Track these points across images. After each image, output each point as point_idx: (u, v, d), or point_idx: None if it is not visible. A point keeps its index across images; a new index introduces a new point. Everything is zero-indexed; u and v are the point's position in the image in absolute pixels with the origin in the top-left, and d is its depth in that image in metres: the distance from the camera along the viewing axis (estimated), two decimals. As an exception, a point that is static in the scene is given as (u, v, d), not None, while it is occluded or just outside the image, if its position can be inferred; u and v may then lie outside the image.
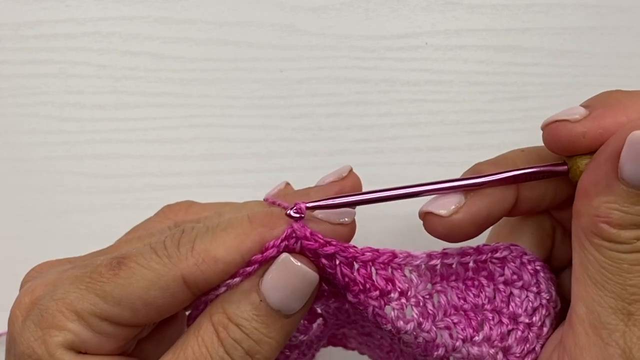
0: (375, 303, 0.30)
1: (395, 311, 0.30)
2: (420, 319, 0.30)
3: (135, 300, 0.29)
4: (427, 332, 0.30)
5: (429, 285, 0.31)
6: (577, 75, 0.48)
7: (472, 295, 0.32)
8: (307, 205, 0.30)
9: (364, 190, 0.34)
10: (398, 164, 0.48)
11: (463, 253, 0.32)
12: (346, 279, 0.30)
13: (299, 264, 0.29)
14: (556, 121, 0.30)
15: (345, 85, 0.48)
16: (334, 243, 0.29)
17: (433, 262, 0.31)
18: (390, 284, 0.30)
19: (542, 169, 0.31)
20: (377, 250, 0.30)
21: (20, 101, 0.48)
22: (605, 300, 0.28)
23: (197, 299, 0.30)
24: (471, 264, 0.32)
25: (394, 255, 0.30)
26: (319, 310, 0.34)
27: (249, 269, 0.29)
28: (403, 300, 0.30)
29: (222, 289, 0.30)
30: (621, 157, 0.27)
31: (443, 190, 0.31)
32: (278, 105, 0.48)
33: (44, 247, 0.48)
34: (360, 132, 0.48)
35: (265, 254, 0.29)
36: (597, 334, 0.28)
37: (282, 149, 0.48)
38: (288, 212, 0.29)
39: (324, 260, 0.30)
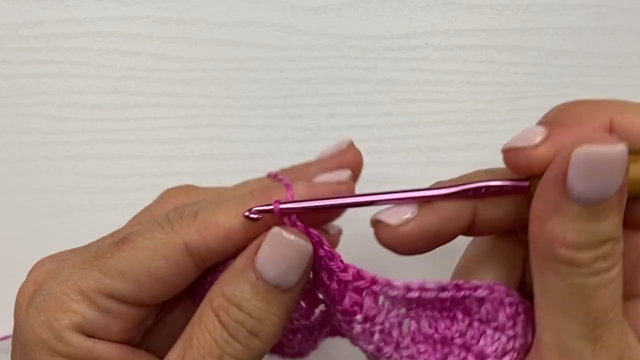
0: (341, 317, 0.30)
1: (358, 332, 0.30)
2: (381, 344, 0.30)
3: (140, 271, 0.28)
4: (388, 357, 0.30)
5: (403, 310, 0.31)
6: (577, 75, 0.48)
7: (443, 327, 0.31)
8: (281, 207, 0.29)
9: (357, 187, 0.34)
10: (398, 164, 0.48)
11: (442, 288, 0.30)
12: (321, 285, 0.30)
13: (292, 236, 0.29)
14: (514, 148, 0.28)
15: (345, 85, 0.48)
16: (326, 248, 0.30)
17: (410, 294, 0.30)
18: (357, 307, 0.29)
19: (501, 183, 0.29)
20: (359, 273, 0.29)
21: (20, 101, 0.48)
22: (570, 326, 0.27)
23: (201, 275, 0.30)
24: (449, 298, 0.31)
25: (373, 281, 0.30)
26: (320, 296, 0.34)
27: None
28: (367, 325, 0.30)
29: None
30: (568, 175, 0.25)
31: (397, 200, 0.30)
32: (278, 105, 0.48)
33: (44, 247, 0.47)
34: (360, 132, 0.48)
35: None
36: None
37: (282, 149, 0.48)
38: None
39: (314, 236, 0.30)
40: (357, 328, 0.30)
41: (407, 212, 0.29)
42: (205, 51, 0.48)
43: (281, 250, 0.29)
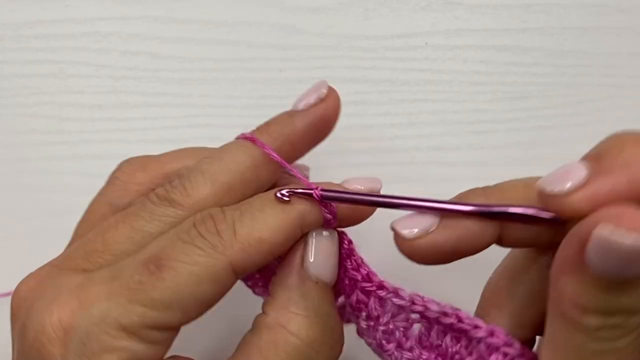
0: (349, 309, 0.31)
1: (363, 327, 0.31)
2: (383, 341, 0.30)
3: (186, 299, 0.27)
4: (389, 355, 0.30)
5: (416, 315, 0.31)
6: (577, 75, 0.48)
7: (448, 342, 0.31)
8: (322, 193, 0.29)
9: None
10: (398, 164, 0.47)
11: (444, 313, 0.30)
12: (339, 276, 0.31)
13: (328, 233, 0.30)
14: (546, 194, 0.25)
15: (345, 85, 0.48)
16: (345, 246, 0.30)
17: (414, 307, 0.30)
18: (362, 305, 0.30)
19: (532, 212, 0.27)
20: (369, 275, 0.30)
21: (20, 101, 0.48)
22: None
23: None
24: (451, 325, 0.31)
25: (380, 286, 0.30)
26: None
27: None
28: (371, 323, 0.30)
29: None
30: (587, 249, 0.23)
31: (420, 208, 0.29)
32: (277, 105, 0.48)
33: (44, 247, 0.47)
34: (360, 132, 0.48)
35: (332, 222, 0.30)
36: None
37: (282, 149, 0.48)
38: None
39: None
40: (362, 324, 0.31)
41: (424, 225, 0.28)
42: (205, 51, 0.48)
43: (328, 250, 0.29)
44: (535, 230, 0.28)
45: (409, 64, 0.48)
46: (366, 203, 0.30)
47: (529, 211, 0.27)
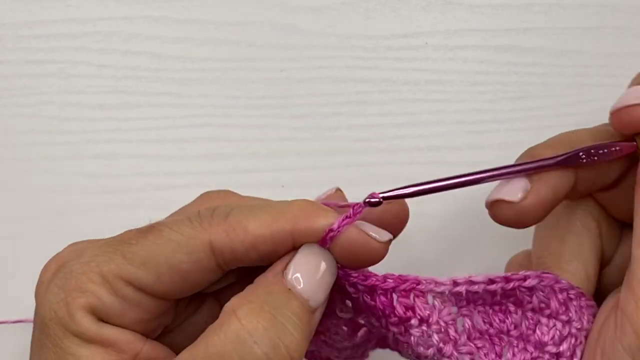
0: (396, 329, 0.30)
1: (415, 337, 0.30)
2: (441, 344, 0.30)
3: (161, 262, 0.28)
4: (449, 357, 0.30)
5: (454, 309, 0.31)
6: (577, 75, 0.48)
7: (497, 321, 0.31)
8: (382, 195, 0.29)
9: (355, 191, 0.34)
10: (398, 164, 0.48)
11: (490, 281, 0.31)
12: (367, 305, 0.30)
13: (327, 252, 0.29)
14: (629, 106, 0.30)
15: (346, 85, 0.48)
16: (354, 274, 0.30)
17: (458, 289, 0.30)
18: (410, 311, 0.30)
19: (611, 145, 0.30)
20: (400, 277, 0.30)
21: (20, 101, 0.48)
22: None
23: (222, 274, 0.30)
24: (499, 291, 0.31)
25: (417, 282, 0.30)
26: (361, 322, 0.34)
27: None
28: (424, 327, 0.30)
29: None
30: None
31: (510, 174, 0.31)
32: (278, 105, 0.48)
33: (44, 247, 0.47)
34: (361, 132, 0.48)
35: (332, 234, 0.29)
36: None
37: (282, 149, 0.48)
38: (366, 199, 0.29)
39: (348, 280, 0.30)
40: (415, 333, 0.30)
41: (520, 188, 0.30)
42: (206, 51, 0.48)
43: (315, 266, 0.29)
44: (604, 169, 0.31)
45: (410, 64, 0.48)
46: (432, 190, 0.30)
47: (610, 143, 0.30)
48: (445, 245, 0.47)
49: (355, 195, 0.33)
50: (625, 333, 0.28)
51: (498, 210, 0.31)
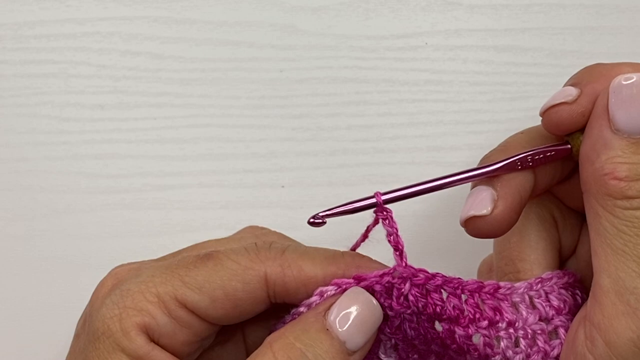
0: (486, 332, 0.30)
1: (505, 341, 0.30)
2: (529, 350, 0.30)
3: (216, 288, 0.29)
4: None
5: (545, 323, 0.31)
6: (577, 75, 0.48)
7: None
8: (384, 197, 0.30)
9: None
10: (398, 164, 0.48)
11: (558, 275, 0.31)
12: (456, 311, 0.30)
13: (373, 298, 0.29)
14: (555, 106, 0.30)
15: (345, 85, 0.48)
16: (440, 275, 0.30)
17: (532, 292, 0.31)
18: (498, 313, 0.30)
19: (546, 150, 0.31)
20: (480, 281, 0.30)
21: (20, 101, 0.48)
22: (628, 264, 0.27)
23: (270, 306, 0.31)
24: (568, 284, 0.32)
25: (497, 286, 0.30)
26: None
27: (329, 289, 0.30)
28: (511, 330, 0.30)
29: (302, 308, 0.30)
30: (609, 106, 0.27)
31: (469, 179, 0.31)
32: (278, 105, 0.48)
33: (44, 247, 0.48)
34: (360, 132, 0.48)
35: (363, 283, 0.29)
36: (624, 301, 0.27)
37: (282, 149, 0.48)
38: (309, 220, 0.30)
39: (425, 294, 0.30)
40: (503, 335, 0.30)
41: (488, 199, 0.30)
42: (205, 51, 0.48)
43: (357, 309, 0.29)
44: (552, 165, 0.32)
45: (409, 64, 0.48)
46: (420, 193, 0.31)
47: (544, 148, 0.31)
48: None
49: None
50: (595, 344, 0.28)
51: (473, 227, 0.31)
